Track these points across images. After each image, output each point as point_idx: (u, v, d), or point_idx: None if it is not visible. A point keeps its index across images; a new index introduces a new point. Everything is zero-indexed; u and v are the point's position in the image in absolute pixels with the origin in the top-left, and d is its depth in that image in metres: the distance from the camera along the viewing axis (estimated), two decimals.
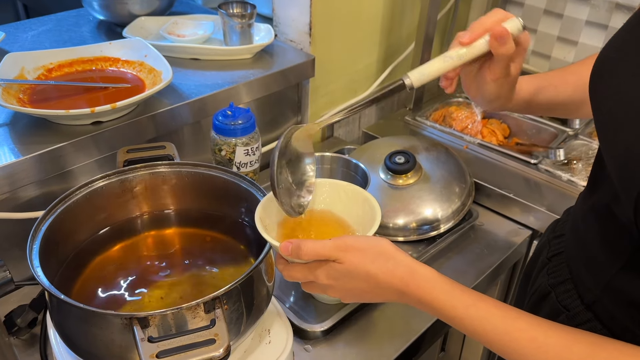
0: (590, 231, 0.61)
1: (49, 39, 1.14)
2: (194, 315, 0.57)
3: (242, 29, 1.11)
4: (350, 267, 0.57)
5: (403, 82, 0.64)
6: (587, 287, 0.60)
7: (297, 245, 0.57)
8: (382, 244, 0.58)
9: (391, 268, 0.56)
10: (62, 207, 0.69)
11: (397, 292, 0.57)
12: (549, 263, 0.70)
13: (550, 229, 0.77)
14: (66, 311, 0.59)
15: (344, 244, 0.57)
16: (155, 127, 0.93)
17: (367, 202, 0.67)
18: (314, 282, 0.60)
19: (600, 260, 0.58)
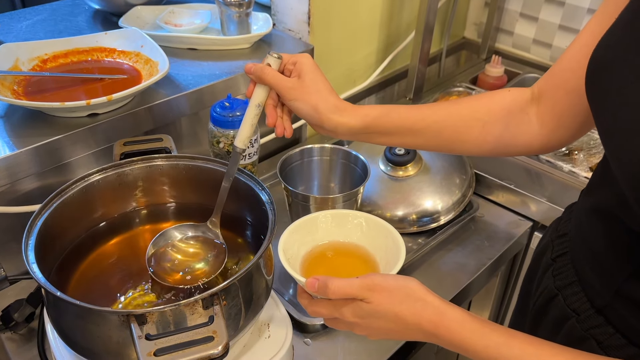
0: (596, 234, 0.59)
1: (44, 29, 1.12)
2: (192, 311, 0.56)
3: (239, 18, 1.09)
4: (378, 308, 0.55)
5: (237, 151, 0.71)
6: (597, 291, 0.59)
7: (324, 283, 0.56)
8: (411, 285, 0.56)
9: (419, 310, 0.54)
10: (57, 201, 0.68)
11: (426, 333, 0.55)
12: (553, 264, 0.68)
13: (552, 228, 0.75)
14: (63, 308, 0.59)
15: (372, 283, 0.55)
16: (152, 119, 0.92)
17: (390, 236, 0.65)
18: (339, 319, 0.58)
19: (608, 265, 0.57)
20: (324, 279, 0.56)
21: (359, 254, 0.68)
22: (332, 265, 0.67)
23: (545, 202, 1.02)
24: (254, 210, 0.73)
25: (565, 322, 0.63)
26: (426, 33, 1.30)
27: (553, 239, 0.72)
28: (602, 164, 0.62)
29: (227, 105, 0.87)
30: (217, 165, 0.77)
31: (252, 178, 0.74)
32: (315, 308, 0.59)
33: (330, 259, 0.67)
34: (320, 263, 0.67)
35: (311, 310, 0.60)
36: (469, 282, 0.91)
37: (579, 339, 0.60)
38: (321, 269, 0.66)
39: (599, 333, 0.58)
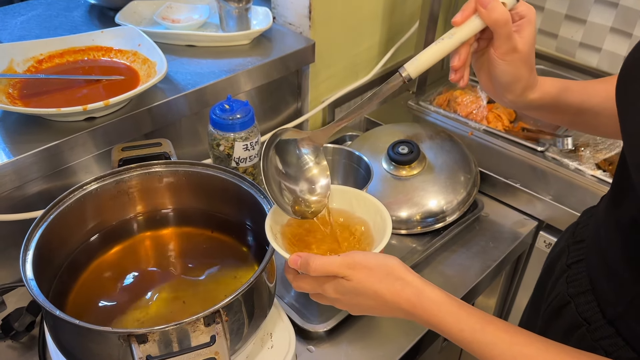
0: (613, 244, 0.58)
1: (39, 25, 1.10)
2: (193, 329, 0.56)
3: (239, 14, 1.06)
4: (357, 286, 0.56)
5: (400, 74, 0.60)
6: (610, 302, 0.58)
7: (305, 260, 0.57)
8: (391, 264, 0.57)
9: (398, 289, 0.56)
10: (54, 213, 0.67)
11: (404, 312, 0.56)
12: (568, 270, 0.67)
13: (569, 233, 0.74)
14: (62, 325, 0.58)
15: (353, 261, 0.57)
16: (151, 121, 0.90)
17: (379, 213, 0.66)
18: (322, 294, 0.60)
19: (623, 276, 0.56)
20: (306, 256, 0.57)
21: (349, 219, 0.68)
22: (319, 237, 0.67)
23: (550, 201, 1.00)
24: (256, 217, 0.72)
25: (575, 330, 0.62)
26: (430, 23, 1.27)
27: (570, 244, 0.71)
28: (621, 173, 0.60)
29: (227, 108, 0.86)
30: (217, 172, 0.75)
31: (254, 185, 0.72)
32: (299, 283, 0.61)
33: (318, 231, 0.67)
34: (309, 235, 0.67)
35: (296, 285, 0.61)
36: (474, 284, 0.90)
37: (589, 348, 0.59)
38: (309, 241, 0.66)
39: (609, 344, 0.57)
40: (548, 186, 1.04)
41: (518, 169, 1.08)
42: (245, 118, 0.85)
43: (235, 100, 0.87)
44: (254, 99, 1.11)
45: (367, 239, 0.66)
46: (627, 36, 1.27)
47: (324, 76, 1.21)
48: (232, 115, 0.85)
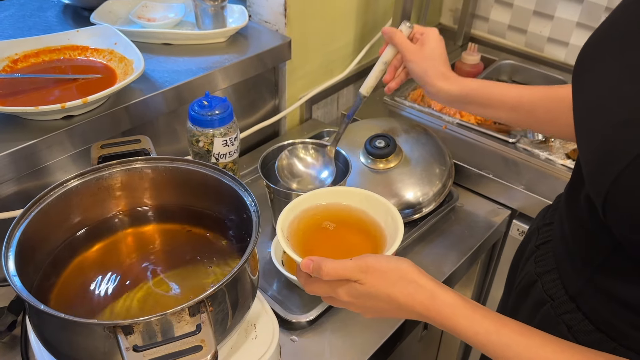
0: (572, 224, 0.62)
1: (12, 26, 1.09)
2: (178, 319, 0.56)
3: (214, 12, 1.07)
4: (371, 290, 0.56)
5: (360, 95, 0.90)
6: (571, 279, 0.61)
7: (318, 265, 0.57)
8: (404, 267, 0.57)
9: (412, 292, 0.56)
10: (35, 210, 0.67)
11: (418, 314, 0.56)
12: (537, 251, 0.71)
13: (540, 216, 0.78)
14: (46, 320, 0.58)
15: (366, 265, 0.57)
16: (129, 119, 0.90)
17: (390, 213, 0.66)
18: (334, 298, 0.60)
19: (581, 255, 0.59)
20: (319, 260, 0.57)
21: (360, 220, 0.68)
22: (332, 238, 0.67)
23: (523, 190, 1.04)
24: (237, 212, 0.73)
25: (541, 306, 0.65)
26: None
27: (540, 226, 0.74)
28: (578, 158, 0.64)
29: (206, 104, 0.86)
30: (198, 167, 0.76)
31: (235, 180, 0.73)
32: (312, 287, 0.61)
33: (330, 231, 0.67)
34: (321, 236, 0.67)
35: (309, 289, 0.62)
36: (451, 272, 0.93)
37: (553, 323, 0.62)
38: (321, 243, 0.66)
39: (570, 318, 0.60)
40: (520, 176, 1.07)
41: (491, 160, 1.11)
42: (224, 114, 0.86)
43: (214, 97, 0.88)
44: (232, 96, 1.12)
45: (379, 240, 0.66)
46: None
47: (300, 73, 1.23)
48: (210, 111, 0.86)
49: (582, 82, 0.54)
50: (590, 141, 0.49)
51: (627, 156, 0.43)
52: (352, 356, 0.78)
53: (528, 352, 0.51)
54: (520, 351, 0.51)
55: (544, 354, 0.51)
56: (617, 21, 0.53)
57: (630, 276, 0.52)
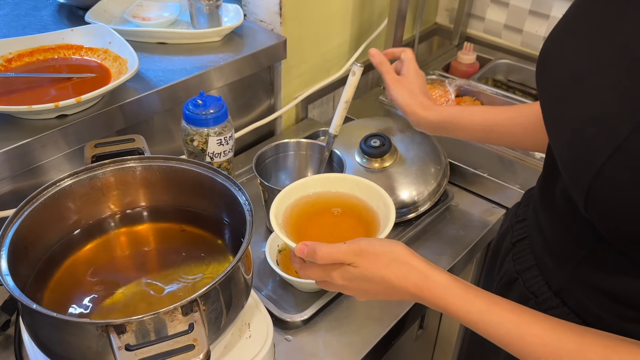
0: (548, 219, 0.62)
1: (7, 25, 1.09)
2: (171, 318, 0.56)
3: (209, 11, 1.07)
4: (365, 272, 0.58)
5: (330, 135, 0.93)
6: (553, 275, 0.61)
7: (312, 249, 0.58)
8: (396, 249, 0.58)
9: (405, 273, 0.57)
10: (29, 209, 0.67)
11: (412, 295, 0.57)
12: (513, 248, 0.71)
13: (512, 213, 0.78)
14: (39, 319, 0.58)
15: (359, 248, 0.58)
16: (123, 118, 0.90)
17: (382, 199, 0.66)
18: (329, 282, 0.61)
19: (561, 249, 0.59)
20: (313, 245, 0.58)
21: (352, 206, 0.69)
22: (325, 225, 0.68)
23: (518, 189, 1.04)
24: (231, 211, 0.73)
25: (525, 303, 0.64)
26: (399, 20, 1.29)
27: (513, 223, 0.75)
28: (549, 151, 0.64)
29: (200, 103, 0.86)
30: (192, 166, 0.76)
31: (229, 179, 0.73)
32: (306, 272, 0.62)
33: (323, 218, 0.68)
34: (314, 223, 0.68)
35: (303, 274, 0.63)
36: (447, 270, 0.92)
37: None
38: (314, 229, 0.67)
39: (556, 314, 0.60)
40: (515, 175, 1.07)
41: (486, 159, 1.11)
42: (219, 113, 0.86)
43: (208, 96, 0.88)
44: (227, 96, 1.12)
45: (372, 225, 0.67)
46: None
47: (296, 73, 1.23)
48: (205, 110, 0.85)
49: (547, 77, 0.54)
50: (560, 136, 0.50)
51: (605, 151, 0.44)
52: (347, 355, 0.78)
53: (518, 330, 0.52)
54: (510, 329, 0.52)
55: (534, 330, 0.51)
56: (577, 15, 0.53)
57: (614, 267, 0.52)
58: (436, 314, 1.19)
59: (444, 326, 1.22)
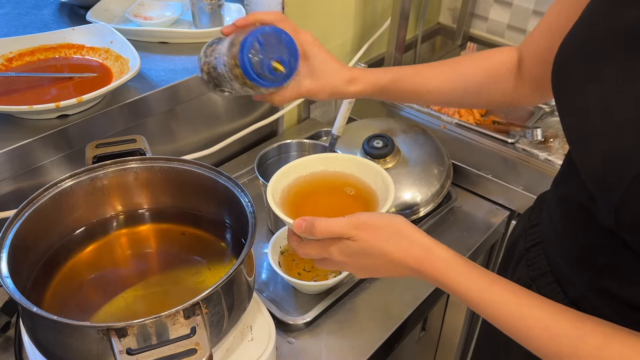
0: (567, 227, 0.61)
1: (7, 24, 1.08)
2: (173, 322, 0.56)
3: (212, 10, 1.06)
4: (364, 245, 0.56)
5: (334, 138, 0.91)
6: (570, 282, 0.60)
7: (310, 224, 0.56)
8: (397, 222, 0.56)
9: (406, 246, 0.55)
10: (29, 210, 0.66)
11: (412, 270, 0.56)
12: (527, 254, 0.70)
13: (525, 218, 0.77)
14: (40, 322, 0.57)
15: (358, 221, 0.56)
16: (124, 118, 0.90)
17: (380, 175, 0.65)
18: (328, 259, 0.59)
19: (580, 258, 0.58)
20: (311, 219, 0.57)
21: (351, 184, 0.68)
22: (322, 204, 0.67)
23: (522, 191, 1.03)
24: (234, 212, 0.72)
25: None
26: (402, 20, 1.28)
27: (526, 228, 0.73)
28: (569, 157, 0.63)
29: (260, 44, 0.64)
30: (193, 167, 0.75)
31: (231, 180, 0.72)
32: (304, 249, 0.60)
33: (322, 197, 0.67)
34: (312, 201, 0.66)
35: (301, 252, 0.61)
36: None
37: None
38: (312, 208, 0.66)
39: None
40: (519, 177, 1.06)
41: (490, 160, 1.10)
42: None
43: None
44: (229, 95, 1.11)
45: (371, 202, 0.65)
46: None
47: None
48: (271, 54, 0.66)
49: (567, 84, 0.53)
50: (589, 144, 0.48)
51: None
52: (350, 358, 0.78)
53: (520, 311, 0.51)
54: (512, 309, 0.51)
55: (535, 313, 0.50)
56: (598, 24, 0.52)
57: (638, 276, 0.51)
58: (439, 316, 1.18)
59: (446, 328, 1.21)
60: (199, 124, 1.09)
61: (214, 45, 0.69)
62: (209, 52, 0.70)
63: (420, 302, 0.86)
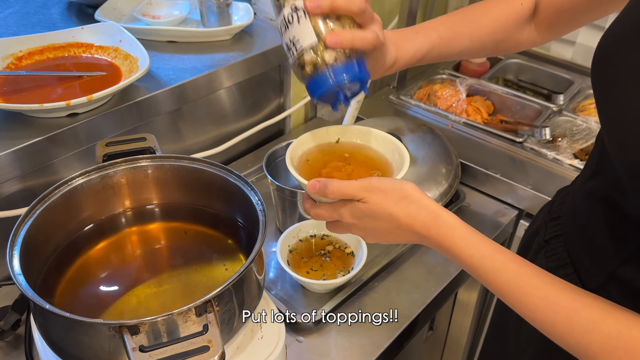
0: (592, 218, 0.61)
1: (17, 23, 1.08)
2: (185, 319, 0.56)
3: (219, 9, 1.06)
4: (373, 208, 0.57)
5: None
6: (590, 274, 0.60)
7: (324, 184, 0.58)
8: (407, 187, 0.57)
9: (414, 211, 0.56)
10: (40, 208, 0.66)
11: (418, 235, 0.57)
12: (546, 245, 0.70)
13: (545, 211, 0.77)
14: (51, 319, 0.57)
15: (369, 184, 0.57)
16: (133, 117, 0.90)
17: (397, 151, 0.66)
18: (339, 221, 0.61)
19: (603, 248, 0.58)
20: (324, 180, 0.58)
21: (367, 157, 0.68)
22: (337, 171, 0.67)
23: (530, 190, 1.03)
24: (243, 211, 0.73)
25: None
26: (409, 19, 1.29)
27: (546, 221, 0.74)
28: (599, 151, 0.62)
29: None
30: (203, 165, 0.75)
31: (241, 178, 0.72)
32: (317, 210, 0.62)
33: (338, 165, 0.68)
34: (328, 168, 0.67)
35: (313, 213, 0.62)
36: (457, 273, 0.92)
37: None
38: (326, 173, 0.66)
39: None
40: (527, 176, 1.06)
41: (498, 159, 1.10)
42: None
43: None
44: (236, 95, 1.11)
45: (387, 172, 0.66)
46: (600, 29, 1.31)
47: None
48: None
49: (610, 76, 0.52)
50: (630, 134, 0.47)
51: None
52: (358, 357, 0.78)
53: (519, 280, 0.52)
54: (511, 277, 0.52)
55: (535, 283, 0.51)
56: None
57: None
58: (446, 316, 1.18)
59: (453, 327, 1.21)
60: (207, 123, 1.09)
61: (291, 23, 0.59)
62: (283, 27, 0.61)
63: (429, 302, 0.86)
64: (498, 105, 1.29)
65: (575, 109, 1.23)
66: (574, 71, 1.37)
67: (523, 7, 0.74)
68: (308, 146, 0.69)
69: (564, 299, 0.50)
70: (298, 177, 0.61)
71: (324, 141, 0.70)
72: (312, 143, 0.69)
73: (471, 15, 0.76)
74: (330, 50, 0.57)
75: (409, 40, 0.71)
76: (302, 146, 0.68)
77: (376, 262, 0.91)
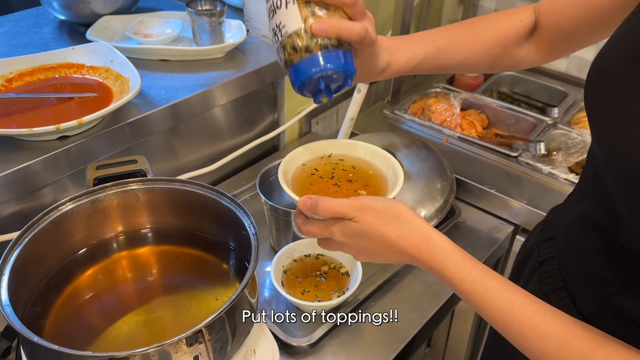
0: (586, 244, 0.60)
1: (7, 43, 1.08)
2: (175, 350, 0.55)
3: (212, 27, 1.06)
4: (364, 227, 0.56)
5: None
6: (585, 300, 0.59)
7: (315, 201, 0.57)
8: (399, 207, 0.56)
9: (406, 232, 0.55)
10: (29, 236, 0.66)
11: (409, 256, 0.56)
12: (540, 268, 0.69)
13: (537, 231, 0.76)
14: (40, 351, 0.56)
15: (361, 203, 0.56)
16: (126, 137, 0.89)
17: (392, 167, 0.65)
18: (330, 238, 0.60)
19: (597, 275, 0.57)
20: (316, 197, 0.57)
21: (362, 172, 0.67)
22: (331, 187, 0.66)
23: (526, 205, 1.02)
24: (235, 234, 0.72)
25: None
26: (403, 31, 1.28)
27: (539, 242, 0.72)
28: (593, 173, 0.61)
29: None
30: (195, 188, 0.75)
31: (233, 201, 0.72)
32: (308, 227, 0.61)
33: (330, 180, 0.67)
34: (321, 184, 0.66)
35: (305, 230, 0.61)
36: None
37: None
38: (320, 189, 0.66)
39: None
40: (523, 191, 1.06)
41: (493, 174, 1.10)
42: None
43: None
44: (230, 112, 1.11)
45: (381, 189, 0.65)
46: None
47: None
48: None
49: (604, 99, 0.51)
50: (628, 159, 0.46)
51: None
52: None
53: (510, 307, 0.51)
54: (502, 304, 0.52)
55: (526, 311, 0.51)
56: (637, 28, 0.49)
57: None
58: (444, 332, 1.17)
59: (451, 343, 1.20)
60: (201, 141, 1.08)
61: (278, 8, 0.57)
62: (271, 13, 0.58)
63: (426, 321, 0.85)
64: (492, 119, 1.28)
65: (570, 121, 1.22)
66: (568, 83, 1.37)
67: (522, 23, 0.74)
68: (302, 160, 0.68)
69: (555, 328, 0.49)
70: (290, 193, 0.60)
71: (317, 155, 0.69)
72: (305, 157, 0.68)
73: (469, 28, 0.76)
74: (316, 37, 0.55)
75: (403, 46, 0.71)
76: (296, 160, 0.67)
77: (372, 280, 0.90)
